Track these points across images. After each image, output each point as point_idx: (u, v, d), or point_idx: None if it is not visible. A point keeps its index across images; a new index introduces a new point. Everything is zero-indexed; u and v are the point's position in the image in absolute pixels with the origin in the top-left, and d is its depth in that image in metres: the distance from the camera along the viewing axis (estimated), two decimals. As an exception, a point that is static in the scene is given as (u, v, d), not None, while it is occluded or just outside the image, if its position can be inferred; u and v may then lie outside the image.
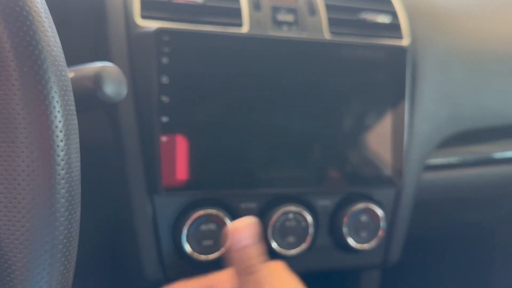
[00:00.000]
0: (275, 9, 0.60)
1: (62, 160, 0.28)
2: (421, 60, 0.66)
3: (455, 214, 0.80)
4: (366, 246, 0.62)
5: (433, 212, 0.75)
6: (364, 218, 0.62)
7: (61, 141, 0.28)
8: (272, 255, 0.59)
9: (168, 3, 0.56)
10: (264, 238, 0.58)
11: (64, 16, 0.55)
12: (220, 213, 0.56)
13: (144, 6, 0.55)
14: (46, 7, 0.30)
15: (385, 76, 0.61)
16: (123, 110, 0.54)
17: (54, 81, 0.28)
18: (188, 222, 0.55)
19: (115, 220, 0.58)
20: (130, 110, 0.54)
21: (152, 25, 0.54)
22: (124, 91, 0.41)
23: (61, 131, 0.28)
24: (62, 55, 0.29)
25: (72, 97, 0.30)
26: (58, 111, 0.28)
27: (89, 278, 0.61)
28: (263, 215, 0.59)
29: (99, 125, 0.56)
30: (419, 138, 0.66)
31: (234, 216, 0.58)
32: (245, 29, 0.58)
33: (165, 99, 0.53)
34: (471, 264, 0.94)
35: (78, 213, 0.30)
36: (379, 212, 0.62)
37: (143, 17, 0.55)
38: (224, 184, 0.56)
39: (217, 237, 0.56)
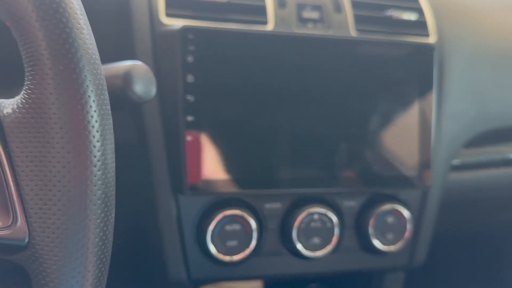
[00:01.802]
0: (300, 6, 0.59)
1: (99, 161, 0.27)
2: (448, 57, 0.65)
3: (481, 215, 0.78)
4: (392, 248, 0.61)
5: (458, 213, 0.74)
6: (390, 219, 0.61)
7: (98, 141, 0.27)
8: (298, 256, 0.58)
9: (193, 1, 0.55)
10: (289, 240, 0.57)
11: (89, 14, 0.54)
12: (245, 214, 0.55)
13: (169, 4, 0.55)
14: (81, 5, 0.29)
15: (411, 74, 0.60)
16: (148, 109, 0.54)
17: (90, 80, 0.27)
18: (213, 223, 0.54)
19: (139, 220, 0.58)
20: (155, 109, 0.54)
21: (177, 23, 0.54)
22: (153, 90, 0.41)
23: (97, 131, 0.27)
24: (97, 53, 0.29)
25: (107, 96, 0.29)
26: (95, 111, 0.27)
27: (112, 277, 0.60)
28: (288, 216, 0.58)
29: (122, 126, 0.56)
30: (446, 137, 0.64)
31: (258, 217, 0.57)
32: (270, 26, 0.57)
33: (190, 98, 0.52)
34: (496, 267, 0.92)
35: (113, 215, 0.30)
36: (406, 213, 0.61)
37: (168, 15, 0.54)
38: (249, 184, 0.55)
39: (241, 238, 0.55)
